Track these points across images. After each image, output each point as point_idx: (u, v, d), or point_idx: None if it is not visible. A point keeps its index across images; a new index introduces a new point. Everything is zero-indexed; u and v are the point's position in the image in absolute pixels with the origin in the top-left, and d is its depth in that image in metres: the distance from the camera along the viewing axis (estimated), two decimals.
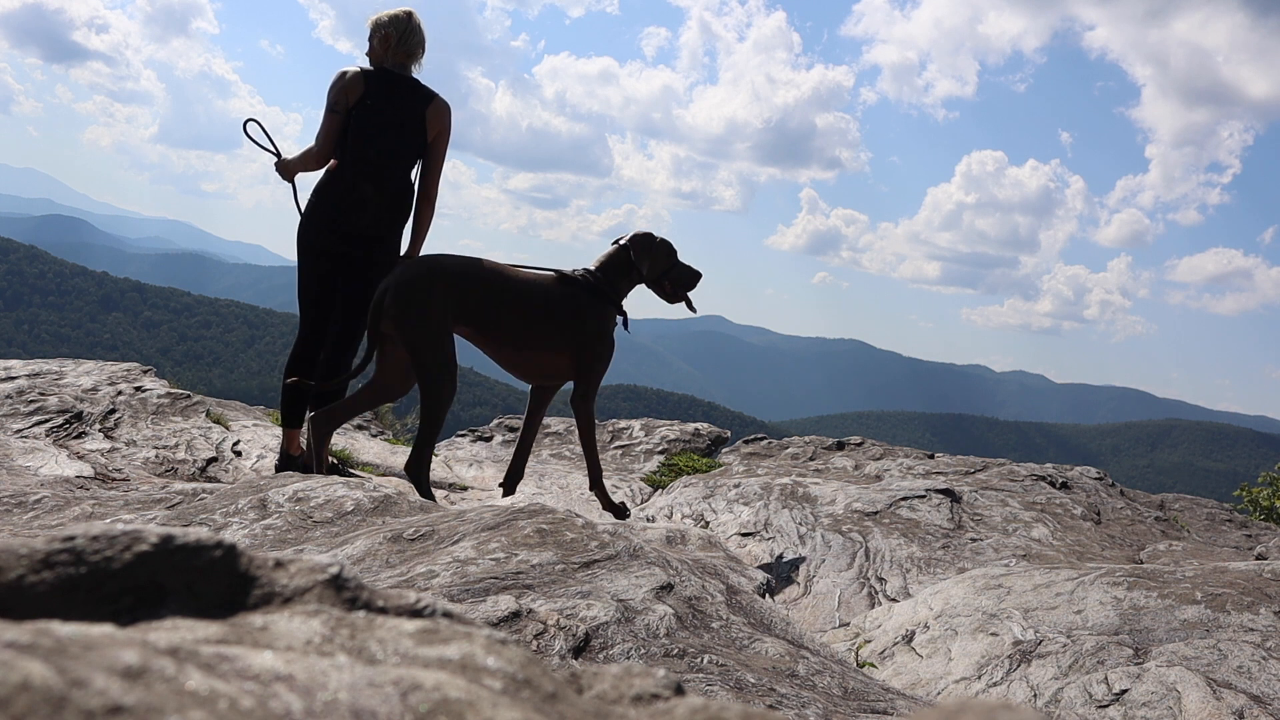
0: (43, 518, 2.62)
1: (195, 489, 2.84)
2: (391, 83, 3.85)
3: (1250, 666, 2.12)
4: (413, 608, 0.64)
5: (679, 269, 3.94)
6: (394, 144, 3.80)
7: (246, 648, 0.51)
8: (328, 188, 3.85)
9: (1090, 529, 4.06)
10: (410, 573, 1.90)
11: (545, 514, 2.20)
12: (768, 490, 4.23)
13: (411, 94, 3.85)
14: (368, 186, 3.79)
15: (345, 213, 3.81)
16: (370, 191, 3.79)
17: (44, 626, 0.47)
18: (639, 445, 5.86)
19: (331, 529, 2.40)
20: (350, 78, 3.83)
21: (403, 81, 3.87)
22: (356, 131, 3.79)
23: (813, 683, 1.73)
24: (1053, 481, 4.74)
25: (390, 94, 3.82)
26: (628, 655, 1.65)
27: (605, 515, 4.04)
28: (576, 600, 1.78)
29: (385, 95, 3.81)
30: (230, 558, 0.63)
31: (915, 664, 2.45)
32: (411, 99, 3.84)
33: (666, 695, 0.59)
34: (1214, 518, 4.89)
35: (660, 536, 2.50)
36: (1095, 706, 2.04)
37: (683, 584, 1.99)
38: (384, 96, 3.81)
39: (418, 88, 3.88)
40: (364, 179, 3.79)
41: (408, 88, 3.86)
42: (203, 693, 0.43)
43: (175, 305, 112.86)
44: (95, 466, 3.71)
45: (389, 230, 3.88)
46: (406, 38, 3.89)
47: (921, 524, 3.81)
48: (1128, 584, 2.58)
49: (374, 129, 3.78)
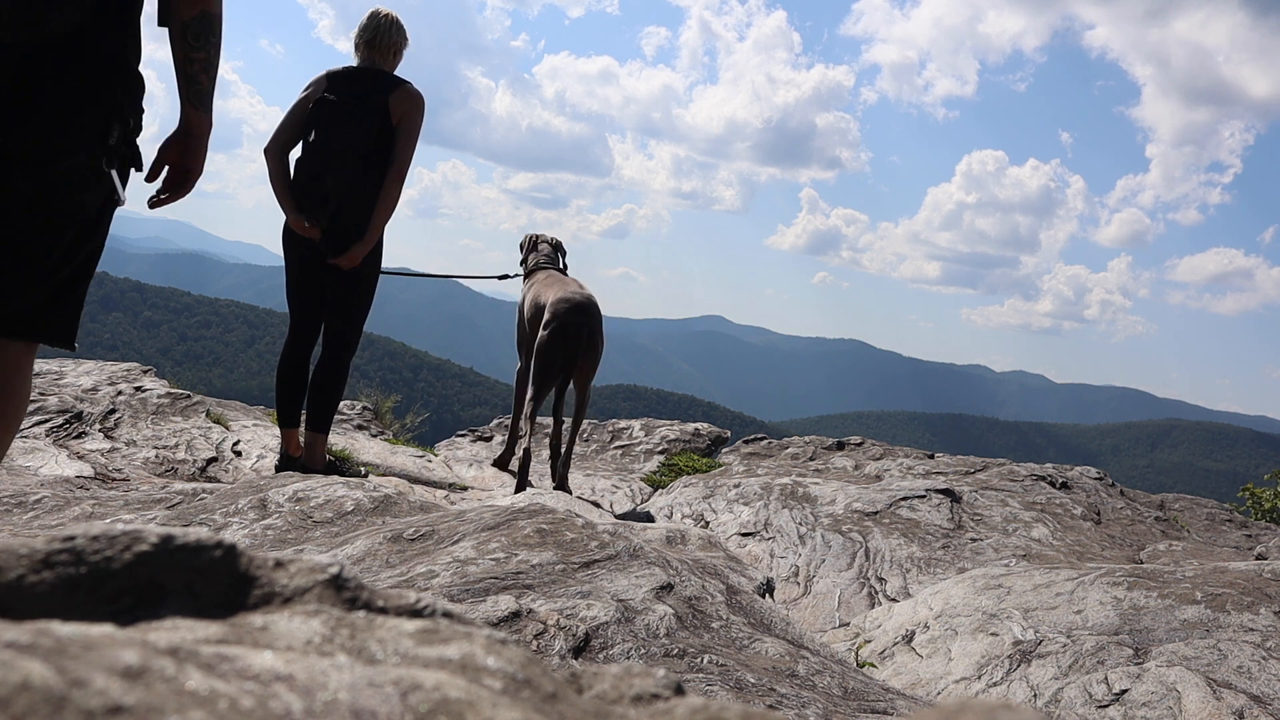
0: (43, 518, 2.62)
1: (195, 489, 2.84)
2: (353, 77, 3.89)
3: (1250, 666, 2.12)
4: (413, 608, 0.64)
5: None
6: (353, 134, 3.80)
7: (246, 648, 0.51)
8: (295, 184, 3.86)
9: (1090, 529, 4.07)
10: (410, 573, 1.90)
11: (545, 514, 2.20)
12: (768, 490, 4.23)
13: (373, 84, 3.85)
14: (329, 178, 3.79)
15: (311, 207, 3.81)
16: (331, 183, 3.79)
17: (44, 626, 0.47)
18: (639, 445, 5.86)
19: (331, 529, 2.40)
20: (314, 79, 3.94)
21: (365, 74, 3.89)
22: (315, 124, 3.82)
23: (813, 683, 1.73)
24: (1053, 481, 4.74)
25: (349, 87, 3.85)
26: (628, 655, 1.65)
27: (605, 515, 4.04)
28: (576, 600, 1.78)
29: (344, 88, 3.85)
30: (230, 558, 0.63)
31: (915, 664, 2.45)
32: (373, 89, 3.84)
33: (666, 695, 0.59)
34: (1214, 518, 4.90)
35: (660, 536, 2.50)
36: (1095, 706, 2.04)
37: (683, 584, 1.99)
38: (343, 90, 3.85)
39: (380, 77, 3.88)
40: (325, 170, 3.79)
41: (369, 79, 3.87)
42: (203, 693, 0.43)
43: (175, 305, 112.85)
44: (95, 466, 3.72)
45: (359, 220, 3.85)
46: (369, 35, 3.94)
47: (921, 524, 3.81)
48: (1128, 584, 2.58)
49: (332, 121, 3.80)
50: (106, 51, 1.74)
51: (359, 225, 3.84)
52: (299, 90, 4.04)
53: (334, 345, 3.95)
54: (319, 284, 3.94)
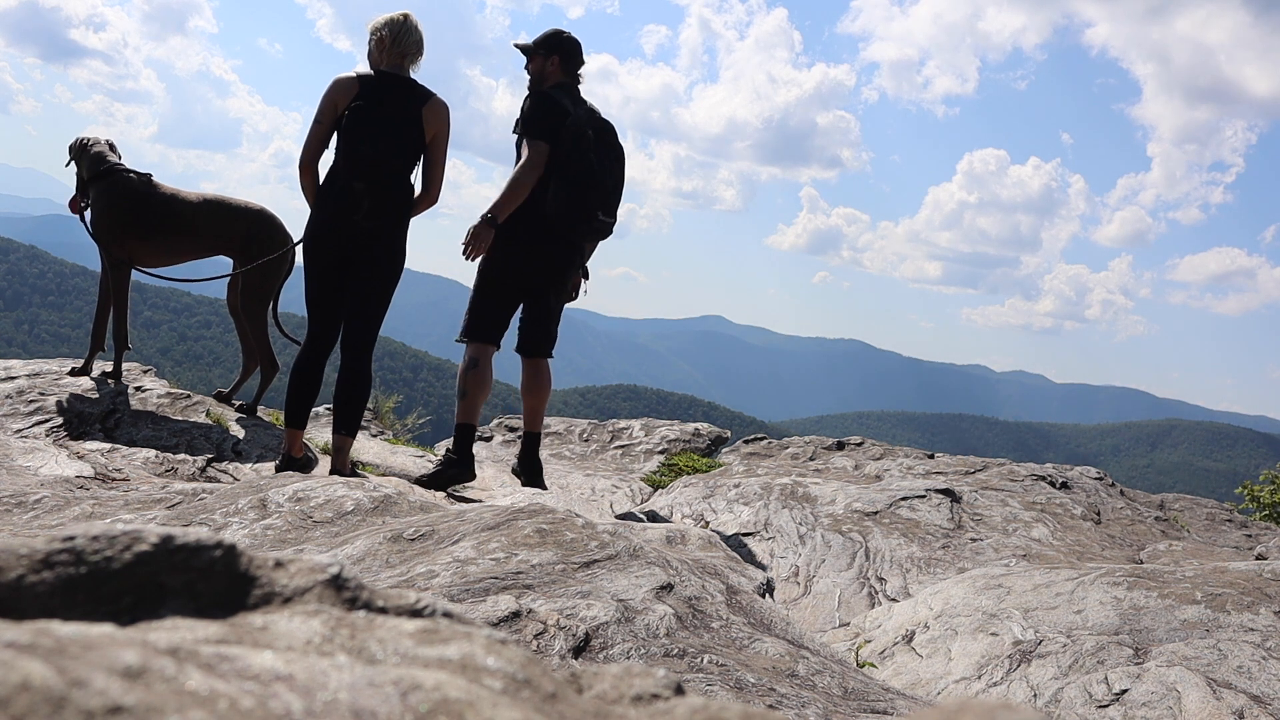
0: (43, 518, 2.62)
1: (195, 489, 2.84)
2: (386, 83, 3.87)
3: (1250, 666, 2.12)
4: (413, 608, 0.64)
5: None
6: (389, 143, 3.82)
7: (246, 648, 0.51)
8: (324, 189, 3.87)
9: (1090, 529, 4.07)
10: (410, 573, 1.90)
11: (545, 514, 2.20)
12: (768, 490, 4.23)
13: (407, 93, 3.87)
14: (360, 185, 3.80)
15: (339, 212, 3.83)
16: (363, 189, 3.80)
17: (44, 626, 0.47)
18: (639, 445, 5.86)
19: (331, 529, 2.40)
20: (343, 83, 3.88)
21: (398, 81, 3.88)
22: (350, 132, 3.82)
23: (813, 683, 1.73)
24: (1053, 481, 4.74)
25: (385, 94, 3.84)
26: (628, 655, 1.65)
27: (605, 515, 4.04)
28: (576, 600, 1.78)
29: (379, 96, 3.84)
30: (230, 558, 0.63)
31: (915, 664, 2.45)
32: (407, 98, 3.86)
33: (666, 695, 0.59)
34: (1214, 518, 4.90)
35: (660, 536, 2.50)
36: (1095, 706, 2.04)
37: (683, 584, 1.99)
38: (378, 97, 3.84)
39: (414, 87, 3.90)
40: (356, 177, 3.81)
41: (403, 87, 3.88)
42: (203, 693, 0.43)
43: (175, 305, 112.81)
44: (95, 466, 3.71)
45: (386, 228, 3.88)
46: (401, 38, 3.92)
47: (921, 524, 3.81)
48: (1128, 584, 2.58)
49: (368, 129, 3.81)
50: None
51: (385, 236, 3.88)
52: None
53: (355, 346, 3.98)
54: (339, 290, 3.96)
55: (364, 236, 3.86)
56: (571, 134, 4.09)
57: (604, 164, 4.19)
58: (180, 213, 4.81)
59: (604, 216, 4.21)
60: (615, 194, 4.26)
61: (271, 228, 4.92)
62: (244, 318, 4.99)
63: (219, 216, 4.88)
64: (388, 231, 3.89)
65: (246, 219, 4.91)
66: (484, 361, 4.25)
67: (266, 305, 5.00)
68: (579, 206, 4.11)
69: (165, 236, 4.81)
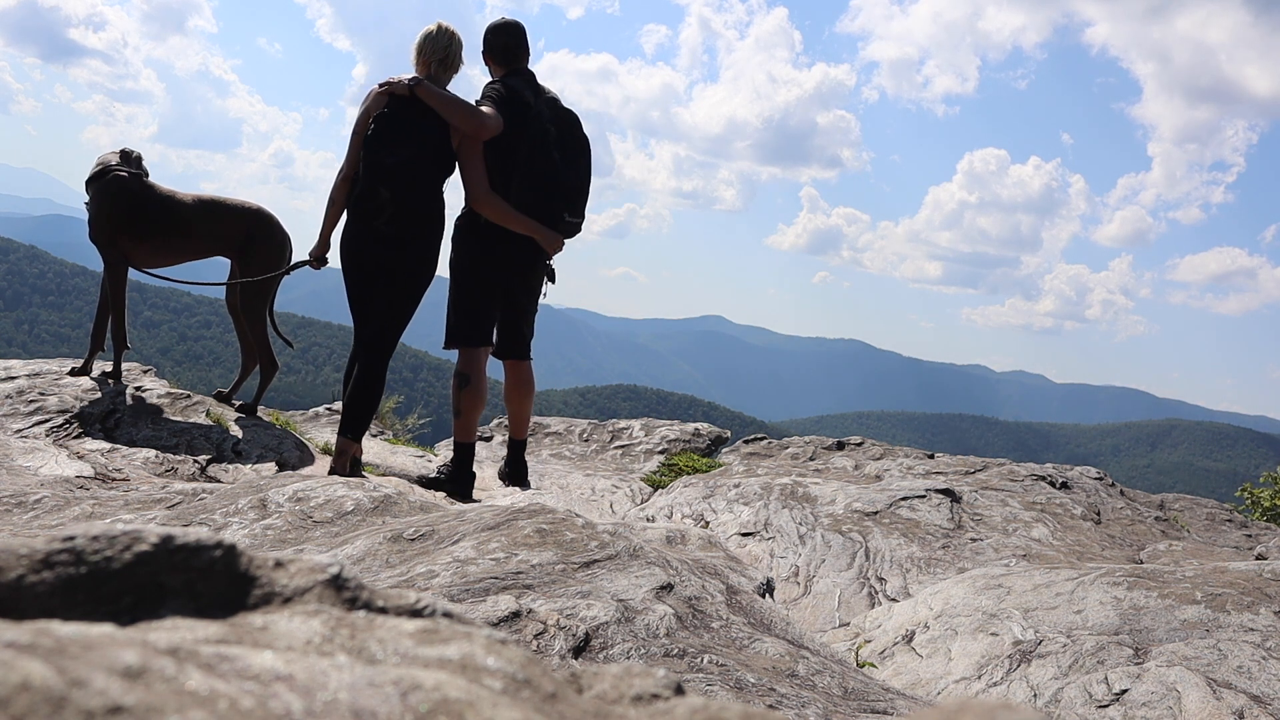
0: (43, 518, 2.62)
1: (195, 489, 2.84)
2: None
3: (1250, 666, 2.12)
4: (413, 608, 0.64)
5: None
6: (413, 150, 3.83)
7: (246, 648, 0.51)
8: (353, 197, 3.90)
9: (1090, 529, 4.07)
10: (410, 573, 1.90)
11: (545, 514, 2.20)
12: (768, 490, 4.23)
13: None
14: (384, 191, 3.81)
15: (366, 218, 3.85)
16: (387, 196, 3.81)
17: (44, 626, 0.47)
18: (639, 445, 5.86)
19: (331, 529, 2.40)
20: (375, 94, 3.92)
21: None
22: (375, 139, 3.85)
23: (813, 683, 1.73)
24: (1053, 481, 4.74)
25: (411, 103, 3.86)
26: (628, 655, 1.65)
27: (605, 515, 4.04)
28: (576, 600, 1.78)
29: (406, 104, 3.86)
30: (230, 558, 0.63)
31: (915, 664, 2.45)
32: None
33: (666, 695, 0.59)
34: (1214, 518, 4.90)
35: (660, 536, 2.50)
36: (1095, 706, 2.04)
37: (683, 584, 1.99)
38: (404, 105, 3.86)
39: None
40: (380, 184, 3.83)
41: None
42: (203, 693, 0.43)
43: (175, 305, 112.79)
44: (95, 466, 3.71)
45: (413, 235, 3.89)
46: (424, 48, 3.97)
47: (921, 524, 3.81)
48: (1128, 584, 2.58)
49: (392, 136, 3.84)
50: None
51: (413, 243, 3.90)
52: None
53: (367, 350, 4.01)
54: (372, 296, 3.99)
55: (390, 243, 3.87)
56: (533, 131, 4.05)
57: (568, 161, 4.15)
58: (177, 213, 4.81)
59: (570, 218, 4.18)
60: (581, 193, 4.22)
61: (269, 228, 4.92)
62: (243, 316, 5.00)
63: (216, 217, 4.88)
64: (414, 239, 3.90)
65: (244, 219, 4.90)
66: (476, 376, 4.21)
67: (266, 303, 5.00)
68: (543, 209, 4.09)
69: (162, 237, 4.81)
